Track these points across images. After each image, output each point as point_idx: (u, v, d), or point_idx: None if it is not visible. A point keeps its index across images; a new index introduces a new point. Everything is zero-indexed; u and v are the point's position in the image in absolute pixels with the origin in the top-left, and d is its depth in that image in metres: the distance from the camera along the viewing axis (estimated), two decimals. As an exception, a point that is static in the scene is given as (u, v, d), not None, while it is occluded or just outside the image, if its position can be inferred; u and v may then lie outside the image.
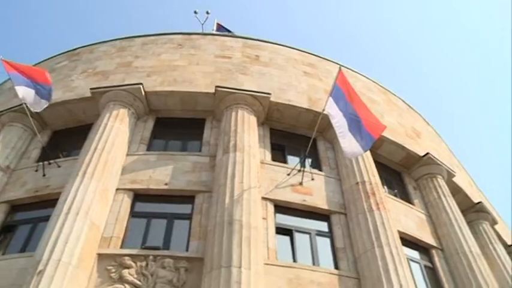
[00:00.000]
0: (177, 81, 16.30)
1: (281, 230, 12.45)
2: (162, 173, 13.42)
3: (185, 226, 12.17)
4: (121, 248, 11.36)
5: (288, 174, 13.94)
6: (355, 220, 12.79)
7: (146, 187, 13.06)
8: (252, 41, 19.81)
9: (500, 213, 22.82)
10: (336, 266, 11.97)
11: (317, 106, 15.81)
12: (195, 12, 26.85)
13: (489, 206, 20.53)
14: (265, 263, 10.85)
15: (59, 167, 14.01)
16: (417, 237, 14.40)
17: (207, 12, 26.96)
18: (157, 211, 12.65)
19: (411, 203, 16.13)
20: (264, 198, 12.86)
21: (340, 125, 12.55)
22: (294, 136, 16.27)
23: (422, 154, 17.49)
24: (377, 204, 12.98)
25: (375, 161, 15.39)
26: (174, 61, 17.58)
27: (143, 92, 15.47)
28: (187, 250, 11.45)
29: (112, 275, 10.60)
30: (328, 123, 13.74)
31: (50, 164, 14.14)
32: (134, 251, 11.13)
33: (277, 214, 12.84)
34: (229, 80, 16.62)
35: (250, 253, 10.37)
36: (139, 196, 12.98)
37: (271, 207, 12.84)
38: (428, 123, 22.47)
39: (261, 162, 14.06)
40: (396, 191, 16.53)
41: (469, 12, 65.21)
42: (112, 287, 10.42)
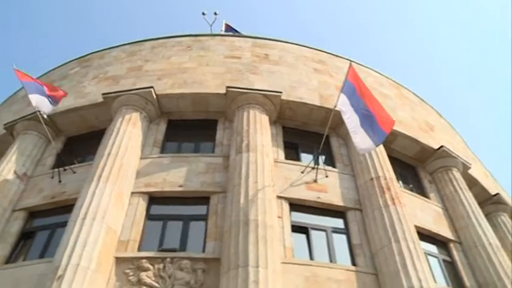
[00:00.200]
0: (188, 83, 16.34)
1: (297, 228, 12.43)
2: (176, 175, 13.47)
3: (201, 227, 12.21)
4: (138, 251, 11.42)
5: (302, 172, 13.92)
6: (370, 216, 12.73)
7: (161, 190, 13.11)
8: (261, 40, 19.81)
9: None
10: (353, 263, 11.94)
11: (329, 103, 15.75)
12: (203, 13, 26.92)
13: (507, 198, 20.27)
14: (282, 262, 10.85)
15: (74, 173, 14.14)
16: (434, 231, 14.30)
17: (215, 13, 26.98)
18: (172, 213, 12.70)
19: (427, 197, 16.01)
20: (279, 196, 12.86)
21: (352, 121, 12.49)
22: (307, 133, 16.23)
23: (436, 147, 17.35)
24: (392, 199, 12.90)
25: (389, 156, 15.30)
26: (184, 63, 17.64)
27: (154, 95, 15.54)
28: (203, 251, 11.48)
29: (130, 278, 10.67)
30: (340, 119, 13.69)
31: (65, 170, 14.27)
32: (151, 254, 11.19)
33: (292, 212, 12.83)
34: (239, 80, 16.63)
35: (266, 252, 10.37)
36: (154, 199, 13.04)
37: (286, 205, 12.84)
38: (441, 116, 22.27)
39: (275, 161, 14.05)
40: (411, 186, 16.43)
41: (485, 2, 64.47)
42: (130, 290, 10.51)
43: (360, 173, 14.28)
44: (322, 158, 14.67)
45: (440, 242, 14.36)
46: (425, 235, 13.76)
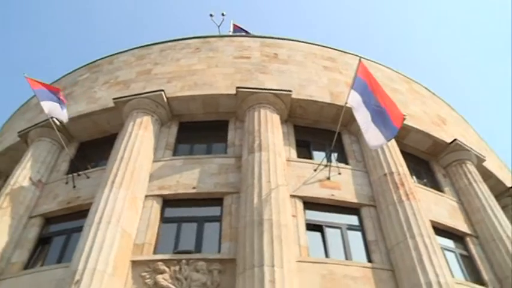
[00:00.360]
0: (198, 85, 16.38)
1: (311, 227, 12.42)
2: (189, 177, 13.51)
3: (215, 228, 12.24)
4: (154, 254, 11.48)
5: (315, 170, 13.89)
6: (385, 212, 12.67)
7: (174, 192, 13.16)
8: (270, 40, 19.79)
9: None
10: (369, 259, 11.89)
11: (339, 100, 15.70)
12: (211, 15, 27.00)
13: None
14: (297, 260, 10.84)
15: (88, 178, 14.25)
16: (450, 225, 14.19)
17: (223, 14, 27.05)
18: (187, 215, 12.75)
19: (441, 191, 15.89)
20: (292, 195, 12.85)
21: (363, 117, 12.44)
22: (318, 131, 16.19)
23: (449, 141, 17.22)
24: (406, 194, 12.83)
25: (402, 151, 15.22)
26: (193, 65, 17.67)
27: (165, 98, 15.60)
28: (219, 252, 11.51)
29: (147, 281, 10.72)
30: (351, 116, 13.64)
31: (79, 176, 14.40)
32: (167, 256, 11.23)
33: (306, 211, 12.81)
34: (249, 80, 16.64)
35: (282, 251, 10.37)
36: (168, 201, 13.09)
37: (300, 204, 12.82)
38: (453, 109, 22.07)
39: (287, 159, 14.04)
40: (425, 180, 16.31)
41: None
42: (147, 293, 10.58)
43: (373, 169, 14.22)
44: (334, 155, 14.63)
45: (456, 237, 14.25)
46: (441, 230, 13.65)
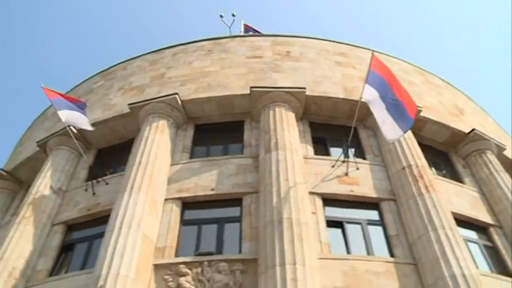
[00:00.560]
0: (212, 86, 16.43)
1: (332, 223, 12.36)
2: (208, 179, 13.55)
3: (236, 229, 12.25)
4: (175, 257, 11.53)
5: (333, 166, 13.83)
6: (405, 205, 12.56)
7: (193, 194, 13.21)
8: (281, 38, 19.74)
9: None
10: (391, 254, 11.79)
11: (353, 95, 15.63)
12: (221, 16, 27.02)
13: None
14: (319, 258, 10.81)
15: (107, 184, 14.39)
16: (472, 216, 14.02)
17: (233, 14, 27.05)
18: (206, 217, 12.79)
19: (462, 182, 15.70)
20: (311, 193, 12.81)
21: (379, 110, 12.36)
22: (334, 127, 16.13)
23: (467, 131, 17.01)
24: (426, 187, 12.69)
25: (420, 144, 15.06)
26: (206, 67, 17.73)
27: (180, 102, 15.67)
28: (240, 252, 11.53)
29: (169, 284, 10.78)
30: (367, 110, 13.57)
31: (98, 182, 14.54)
32: (189, 259, 11.28)
33: (326, 207, 12.76)
34: (263, 80, 16.63)
35: (303, 249, 10.35)
36: (187, 204, 13.14)
37: (319, 201, 12.77)
38: (470, 98, 21.78)
39: (304, 157, 14.00)
40: (445, 172, 16.14)
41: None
42: (171, 296, 10.64)
43: (391, 163, 14.11)
44: (351, 151, 14.55)
45: (479, 227, 14.05)
46: (463, 221, 13.47)
